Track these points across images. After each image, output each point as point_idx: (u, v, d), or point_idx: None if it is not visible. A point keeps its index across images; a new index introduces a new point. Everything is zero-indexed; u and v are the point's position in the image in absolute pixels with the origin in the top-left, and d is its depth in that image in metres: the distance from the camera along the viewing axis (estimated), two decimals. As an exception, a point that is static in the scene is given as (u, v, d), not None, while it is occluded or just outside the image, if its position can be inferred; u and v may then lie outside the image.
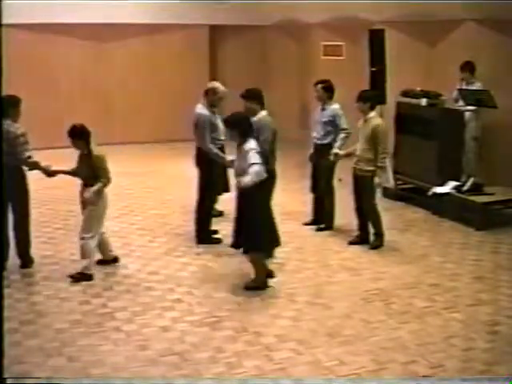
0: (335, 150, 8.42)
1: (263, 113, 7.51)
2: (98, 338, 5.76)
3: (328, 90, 8.63)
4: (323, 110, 8.67)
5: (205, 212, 8.35)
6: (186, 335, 5.85)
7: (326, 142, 8.58)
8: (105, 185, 7.03)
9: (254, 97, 7.56)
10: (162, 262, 7.72)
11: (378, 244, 8.18)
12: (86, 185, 7.06)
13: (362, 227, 8.31)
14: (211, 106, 8.29)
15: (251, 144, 6.63)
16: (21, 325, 5.96)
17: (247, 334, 5.88)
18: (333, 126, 8.59)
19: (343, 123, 8.59)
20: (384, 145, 8.04)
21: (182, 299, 6.63)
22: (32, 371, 5.19)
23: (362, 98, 8.07)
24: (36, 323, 6.04)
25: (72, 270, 7.35)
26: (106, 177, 7.02)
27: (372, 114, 8.06)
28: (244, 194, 6.64)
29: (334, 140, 8.58)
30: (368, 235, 8.27)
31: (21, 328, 5.90)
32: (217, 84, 8.46)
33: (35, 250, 7.88)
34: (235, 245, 6.94)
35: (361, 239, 8.26)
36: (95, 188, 6.95)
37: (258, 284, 6.81)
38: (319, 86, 8.66)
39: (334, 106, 8.66)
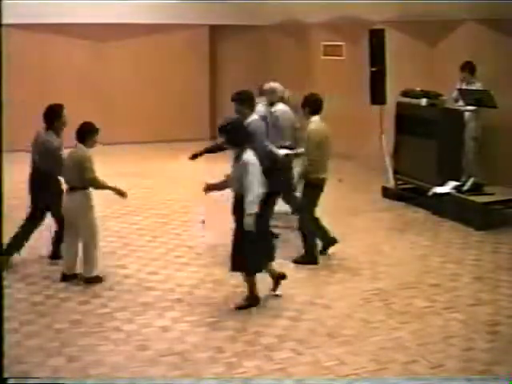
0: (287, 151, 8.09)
1: (254, 116, 7.47)
2: (97, 338, 5.75)
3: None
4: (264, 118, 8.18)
5: None
6: (186, 335, 5.85)
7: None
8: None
9: (245, 99, 7.43)
10: (162, 262, 7.71)
11: (301, 260, 7.59)
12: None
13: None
14: (270, 104, 8.42)
15: (248, 156, 6.24)
16: (21, 325, 5.95)
17: (247, 334, 5.88)
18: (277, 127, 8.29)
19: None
20: (312, 152, 7.37)
21: (181, 299, 6.63)
22: (32, 371, 5.19)
23: (302, 103, 7.60)
24: (36, 323, 6.04)
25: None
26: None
27: (313, 118, 7.49)
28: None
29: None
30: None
31: (21, 328, 5.89)
32: (276, 84, 8.57)
33: (35, 250, 7.89)
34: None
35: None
36: None
37: (250, 302, 6.49)
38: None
39: (278, 108, 8.45)
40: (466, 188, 9.40)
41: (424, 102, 10.16)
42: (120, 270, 7.39)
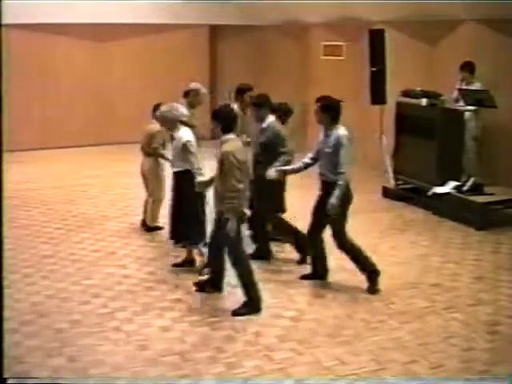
0: None
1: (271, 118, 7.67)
2: (97, 338, 5.76)
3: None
4: None
5: None
6: (186, 335, 5.85)
7: None
8: None
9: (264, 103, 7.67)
10: (162, 261, 7.71)
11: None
12: None
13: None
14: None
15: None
16: (21, 325, 5.95)
17: (247, 334, 5.88)
18: None
19: None
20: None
21: (181, 299, 6.63)
22: (32, 371, 5.19)
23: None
24: (36, 323, 6.04)
25: (72, 269, 7.37)
26: None
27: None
28: None
29: None
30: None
31: (21, 328, 5.89)
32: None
33: (35, 251, 7.90)
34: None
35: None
36: None
37: None
38: None
39: None
40: (465, 188, 9.40)
41: (424, 101, 10.15)
42: (120, 270, 7.39)
